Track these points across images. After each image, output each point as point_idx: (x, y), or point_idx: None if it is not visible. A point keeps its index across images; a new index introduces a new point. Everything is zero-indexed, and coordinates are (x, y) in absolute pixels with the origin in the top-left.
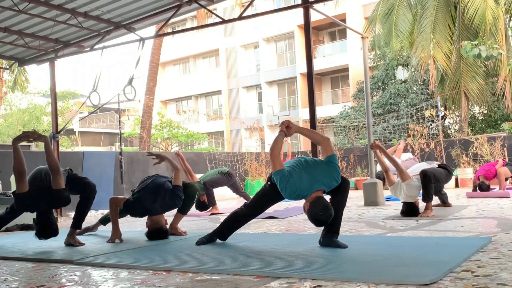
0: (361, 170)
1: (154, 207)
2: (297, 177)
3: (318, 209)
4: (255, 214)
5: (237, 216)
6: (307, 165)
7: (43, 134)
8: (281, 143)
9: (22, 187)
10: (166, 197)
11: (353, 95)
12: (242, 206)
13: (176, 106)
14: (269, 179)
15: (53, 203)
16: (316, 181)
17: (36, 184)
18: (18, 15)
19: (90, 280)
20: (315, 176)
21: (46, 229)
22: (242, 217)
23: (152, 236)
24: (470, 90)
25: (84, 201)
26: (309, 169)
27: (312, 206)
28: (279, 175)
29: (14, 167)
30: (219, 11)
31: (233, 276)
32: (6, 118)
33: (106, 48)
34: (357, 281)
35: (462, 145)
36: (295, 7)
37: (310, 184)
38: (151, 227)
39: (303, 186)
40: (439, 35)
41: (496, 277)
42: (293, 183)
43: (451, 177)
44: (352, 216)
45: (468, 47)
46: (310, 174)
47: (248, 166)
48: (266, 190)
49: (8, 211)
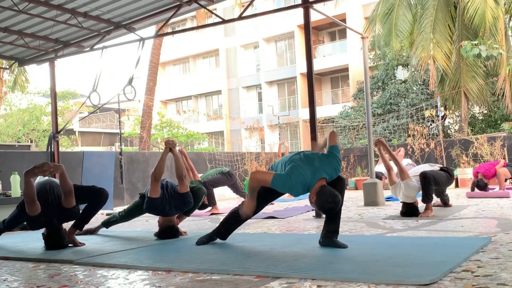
0: (361, 170)
1: (171, 210)
2: (297, 172)
3: (326, 197)
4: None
5: (236, 215)
6: (307, 158)
7: (58, 164)
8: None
9: (34, 210)
10: (180, 203)
11: (353, 95)
12: (240, 205)
13: (176, 106)
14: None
15: (65, 219)
16: (317, 170)
17: (45, 199)
18: (18, 15)
19: (90, 280)
20: (316, 166)
21: (57, 244)
22: (241, 216)
23: (164, 234)
24: (470, 90)
25: (93, 206)
26: (308, 160)
27: (319, 196)
28: (278, 181)
29: (25, 194)
30: (219, 11)
31: (233, 276)
32: (6, 118)
33: (106, 48)
34: (357, 281)
35: (462, 145)
36: (295, 7)
37: (312, 174)
38: (164, 224)
39: (307, 178)
40: (439, 35)
41: (496, 277)
42: (296, 180)
43: (452, 180)
44: (352, 216)
45: (468, 47)
46: (311, 165)
47: (248, 166)
48: (260, 190)
49: (13, 220)
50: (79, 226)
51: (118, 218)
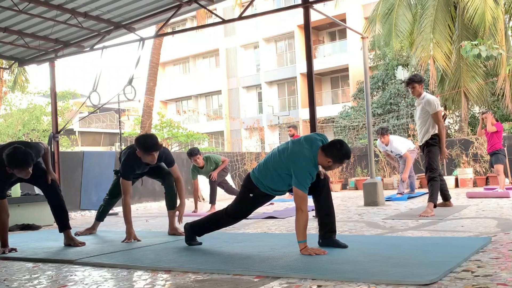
0: (361, 170)
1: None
2: (298, 160)
3: (342, 152)
4: (236, 220)
5: (219, 219)
6: (282, 149)
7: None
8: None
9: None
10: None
11: (353, 95)
12: (226, 210)
13: (176, 106)
14: (249, 191)
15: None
16: (307, 144)
17: None
18: (18, 15)
19: (90, 280)
20: (302, 143)
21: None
22: (224, 220)
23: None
24: (470, 90)
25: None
26: (285, 149)
27: (333, 154)
28: (305, 185)
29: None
30: (219, 11)
31: (233, 276)
32: (6, 118)
33: (106, 48)
34: (357, 281)
35: (462, 145)
36: (295, 7)
37: (309, 146)
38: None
39: (306, 152)
40: (439, 35)
41: (496, 277)
42: (304, 164)
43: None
44: (352, 216)
45: (468, 47)
46: (296, 146)
47: (248, 166)
48: (247, 199)
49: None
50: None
51: (105, 204)
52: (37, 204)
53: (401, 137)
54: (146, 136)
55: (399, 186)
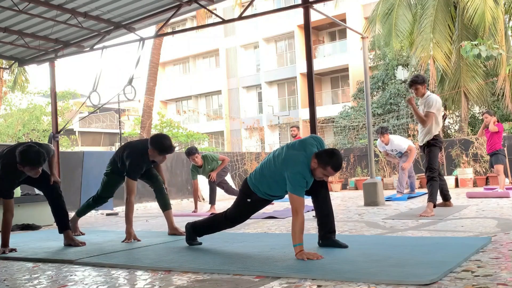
0: (361, 170)
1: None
2: (291, 165)
3: (330, 159)
4: (236, 224)
5: (219, 223)
6: (277, 155)
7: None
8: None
9: None
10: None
11: (353, 95)
12: (225, 213)
13: (176, 106)
14: (247, 196)
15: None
16: (304, 149)
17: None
18: (18, 15)
19: (90, 280)
20: (296, 149)
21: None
22: (224, 224)
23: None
24: (470, 90)
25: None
26: (279, 155)
27: (327, 162)
28: (300, 191)
29: None
30: (219, 11)
31: (233, 276)
32: (6, 118)
33: (106, 48)
34: (357, 281)
35: (462, 145)
36: (295, 7)
37: (304, 153)
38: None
39: (301, 158)
40: (439, 35)
41: (496, 277)
42: (298, 169)
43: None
44: (352, 216)
45: (468, 47)
46: (288, 151)
47: (248, 166)
48: (245, 204)
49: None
50: (68, 225)
51: (93, 204)
52: (37, 204)
53: (401, 137)
54: (162, 136)
55: (399, 178)
